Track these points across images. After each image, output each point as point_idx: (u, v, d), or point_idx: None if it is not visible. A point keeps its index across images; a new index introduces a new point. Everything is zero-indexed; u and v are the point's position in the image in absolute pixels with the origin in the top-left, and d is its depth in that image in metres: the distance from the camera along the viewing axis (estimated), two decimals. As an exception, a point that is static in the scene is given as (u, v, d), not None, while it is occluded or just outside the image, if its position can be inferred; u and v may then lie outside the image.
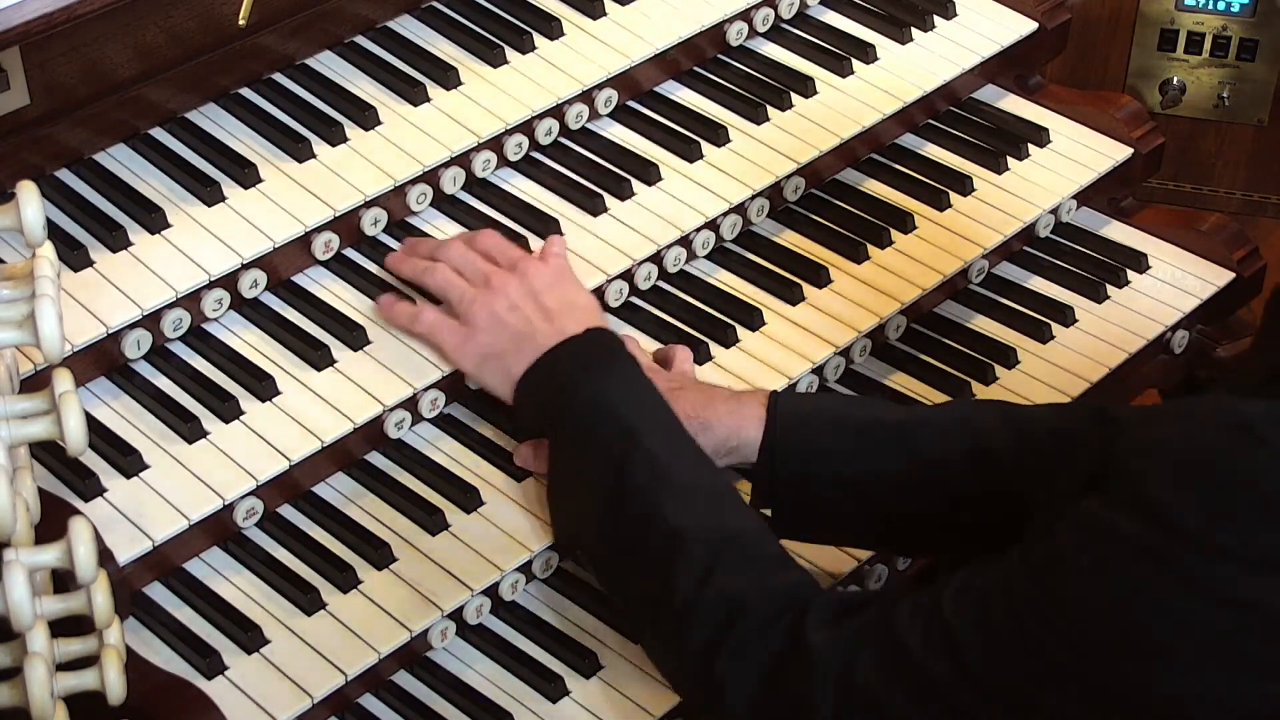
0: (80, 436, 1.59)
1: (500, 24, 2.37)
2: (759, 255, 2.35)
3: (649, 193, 2.29)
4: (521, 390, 1.99)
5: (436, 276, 2.07)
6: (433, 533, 2.00)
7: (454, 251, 2.08)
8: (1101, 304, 2.46)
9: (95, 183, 2.12)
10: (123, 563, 1.84)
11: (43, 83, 2.04)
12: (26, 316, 1.58)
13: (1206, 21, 3.15)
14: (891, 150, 2.54)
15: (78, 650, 1.66)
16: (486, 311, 2.01)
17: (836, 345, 2.25)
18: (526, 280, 2.03)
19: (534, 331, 1.99)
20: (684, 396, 2.01)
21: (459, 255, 2.08)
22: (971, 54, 2.56)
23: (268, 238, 2.08)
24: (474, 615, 1.99)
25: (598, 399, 1.93)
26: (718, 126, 2.38)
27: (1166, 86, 3.20)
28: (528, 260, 2.06)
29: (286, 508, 2.02)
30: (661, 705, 1.95)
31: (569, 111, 2.32)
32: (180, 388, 2.02)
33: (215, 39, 2.18)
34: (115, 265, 2.04)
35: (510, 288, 2.02)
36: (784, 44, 2.53)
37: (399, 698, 1.96)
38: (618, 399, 1.92)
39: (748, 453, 1.99)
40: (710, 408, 2.00)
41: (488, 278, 2.04)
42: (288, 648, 1.89)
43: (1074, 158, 2.55)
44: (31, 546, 1.60)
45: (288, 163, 2.17)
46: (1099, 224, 2.58)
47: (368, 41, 2.33)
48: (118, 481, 1.92)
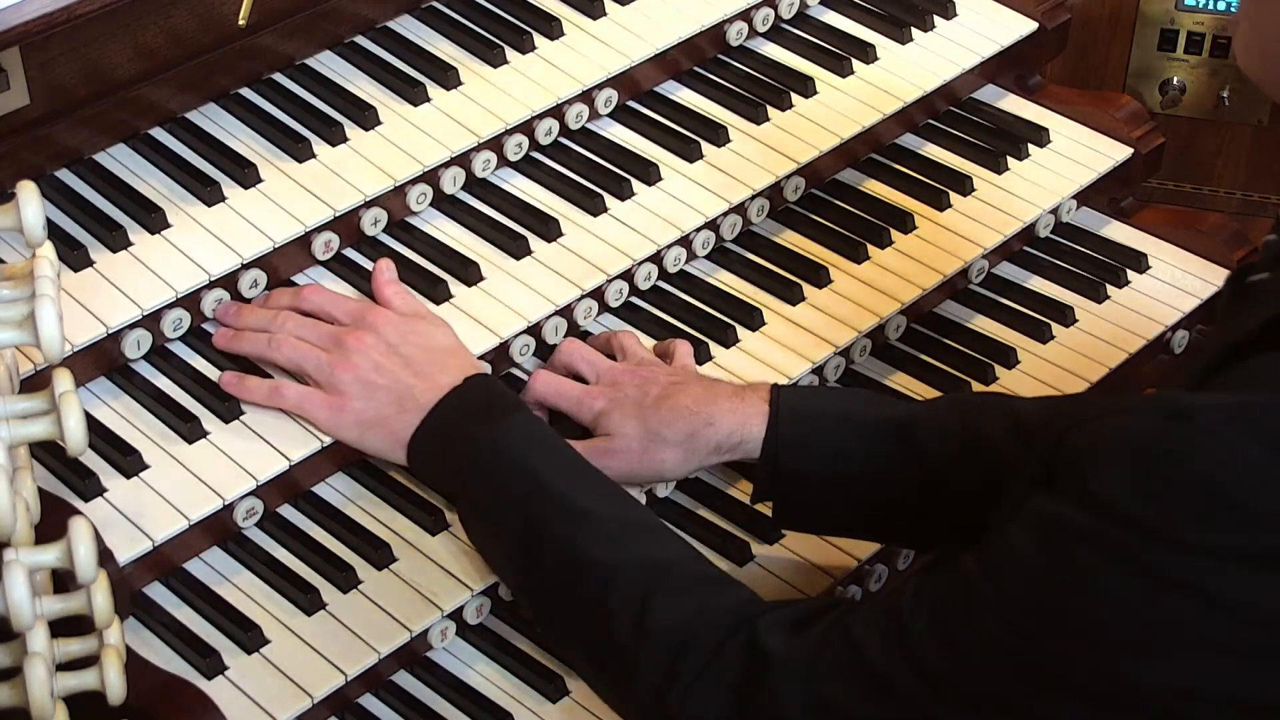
0: (80, 436, 1.59)
1: (500, 24, 2.37)
2: (759, 255, 2.35)
3: (649, 193, 2.29)
4: (414, 453, 1.94)
5: (284, 349, 1.99)
6: (433, 533, 2.00)
7: (290, 322, 2.00)
8: (1101, 304, 2.46)
9: (95, 183, 2.12)
10: (123, 563, 1.84)
11: (43, 83, 2.04)
12: (26, 316, 1.58)
13: (1206, 21, 3.15)
14: (891, 150, 2.54)
15: (78, 650, 1.66)
16: (351, 377, 1.95)
17: (836, 345, 2.25)
18: (379, 333, 1.97)
19: (409, 389, 1.94)
20: (686, 391, 2.01)
21: (295, 324, 2.00)
22: (971, 54, 2.56)
23: (268, 238, 2.08)
24: (474, 615, 1.99)
25: (496, 448, 1.89)
26: (718, 126, 2.38)
27: (1166, 86, 3.20)
28: (371, 311, 2.00)
29: (286, 508, 2.02)
30: (661, 705, 1.95)
31: (569, 111, 2.32)
32: (180, 388, 2.02)
33: (215, 39, 2.18)
34: (115, 265, 2.04)
35: (367, 345, 1.96)
36: (784, 44, 2.53)
37: (399, 698, 1.96)
38: (516, 446, 1.89)
39: (751, 449, 1.99)
40: (714, 404, 1.99)
41: (339, 339, 1.97)
42: (288, 648, 1.89)
43: (1074, 158, 2.55)
44: (31, 546, 1.60)
45: (288, 163, 2.17)
46: (1099, 224, 2.58)
47: (368, 41, 2.33)
48: (118, 481, 1.92)
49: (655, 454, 2.00)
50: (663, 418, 2.00)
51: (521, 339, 2.14)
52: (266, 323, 2.02)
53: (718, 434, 1.98)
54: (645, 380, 2.05)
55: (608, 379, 2.07)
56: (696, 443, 1.99)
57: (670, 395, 2.00)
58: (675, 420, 1.99)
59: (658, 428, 1.99)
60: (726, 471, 2.17)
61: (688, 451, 2.00)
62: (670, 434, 1.99)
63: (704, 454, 2.00)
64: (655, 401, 2.01)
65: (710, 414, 1.98)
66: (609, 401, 2.03)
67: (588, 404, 2.04)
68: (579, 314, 2.20)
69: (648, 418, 2.00)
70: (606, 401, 2.03)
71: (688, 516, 2.13)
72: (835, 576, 2.10)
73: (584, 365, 2.09)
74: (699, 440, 1.99)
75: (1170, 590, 1.44)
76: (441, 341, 2.00)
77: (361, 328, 1.99)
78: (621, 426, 2.00)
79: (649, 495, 2.11)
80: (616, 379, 2.06)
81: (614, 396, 2.03)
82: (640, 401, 2.01)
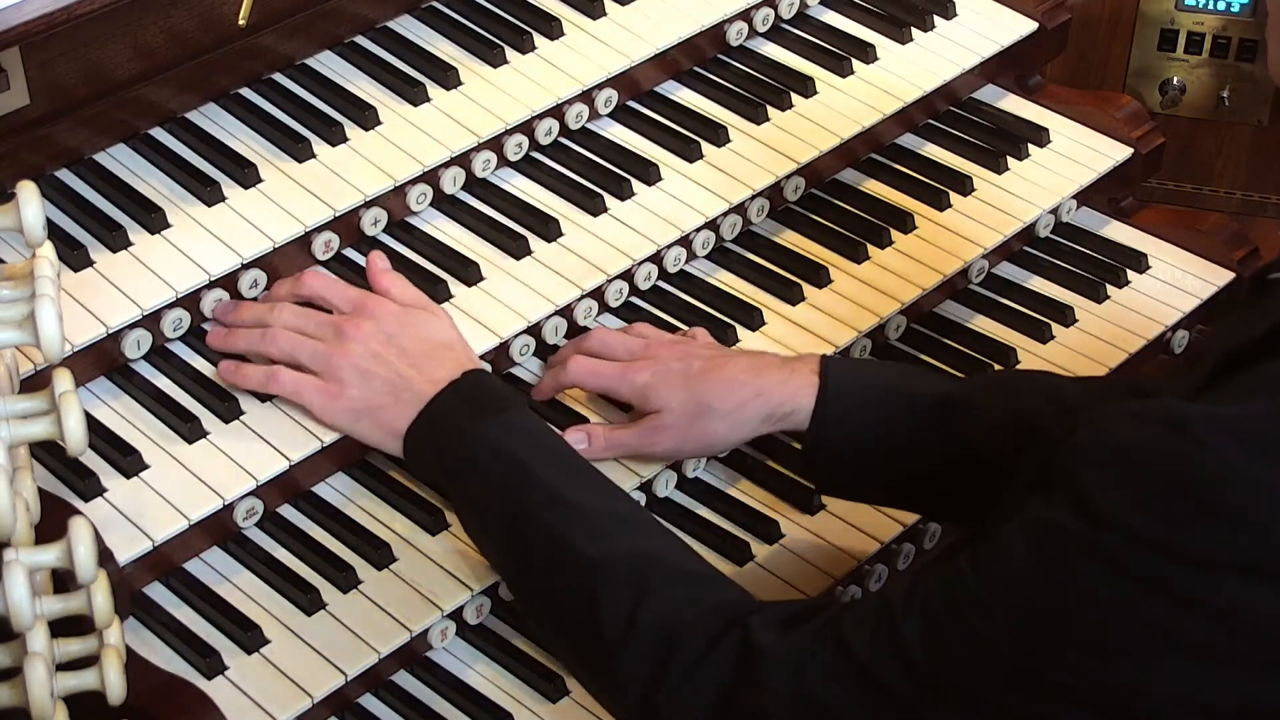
0: (80, 436, 1.59)
1: (500, 24, 2.37)
2: (759, 255, 2.35)
3: (649, 193, 2.29)
4: (409, 447, 1.93)
5: (279, 341, 1.97)
6: (433, 533, 2.00)
7: (285, 313, 1.99)
8: (1101, 304, 2.46)
9: (95, 183, 2.12)
10: (123, 563, 1.84)
11: (43, 83, 2.04)
12: (26, 316, 1.58)
13: (1206, 21, 3.14)
14: (891, 150, 2.54)
15: (78, 650, 1.66)
16: (349, 364, 1.93)
17: (836, 345, 2.25)
18: (378, 323, 1.95)
19: (406, 381, 1.92)
20: (733, 362, 2.00)
21: (291, 315, 1.99)
22: (971, 54, 2.56)
23: (268, 238, 2.08)
24: (474, 615, 1.99)
25: (489, 443, 1.87)
26: (718, 126, 2.38)
27: (1166, 86, 3.20)
28: (371, 300, 1.99)
29: (286, 508, 2.02)
30: (661, 705, 1.95)
31: (569, 111, 2.32)
32: (180, 388, 2.02)
33: (215, 39, 2.18)
34: (115, 265, 2.04)
35: (365, 334, 1.94)
36: (784, 44, 2.53)
37: (399, 698, 1.96)
38: (508, 441, 1.87)
39: (799, 420, 1.98)
40: (763, 374, 1.98)
41: (337, 327, 1.96)
42: (288, 648, 1.89)
43: (1074, 158, 2.55)
44: (31, 546, 1.60)
45: (288, 163, 2.17)
46: (1099, 224, 2.58)
47: (368, 41, 2.33)
48: (118, 481, 1.92)
49: (704, 426, 1.99)
50: (711, 389, 1.99)
51: (521, 339, 2.14)
52: (261, 316, 2.01)
53: (767, 405, 1.97)
54: (687, 353, 2.04)
55: (647, 354, 2.05)
56: (745, 414, 1.98)
57: (716, 367, 2.00)
58: (724, 391, 1.98)
59: (706, 399, 1.99)
60: (727, 471, 2.18)
61: (736, 423, 1.99)
62: (719, 405, 1.98)
63: (753, 425, 1.99)
64: (701, 373, 2.00)
65: (760, 385, 1.97)
66: (653, 374, 2.01)
67: (629, 378, 2.02)
68: (579, 314, 2.20)
69: (694, 388, 1.99)
70: (650, 374, 2.01)
71: (688, 516, 2.13)
72: (835, 577, 2.10)
73: (617, 347, 2.08)
74: (748, 411, 1.98)
75: (1162, 599, 1.44)
76: (440, 334, 1.99)
77: (360, 316, 1.98)
78: (669, 399, 1.99)
79: (649, 495, 2.11)
80: (656, 352, 2.05)
81: (657, 369, 2.02)
82: (686, 373, 2.00)
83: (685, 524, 2.11)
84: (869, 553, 2.13)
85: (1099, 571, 1.46)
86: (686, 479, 2.15)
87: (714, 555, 2.08)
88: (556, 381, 2.09)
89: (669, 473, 2.11)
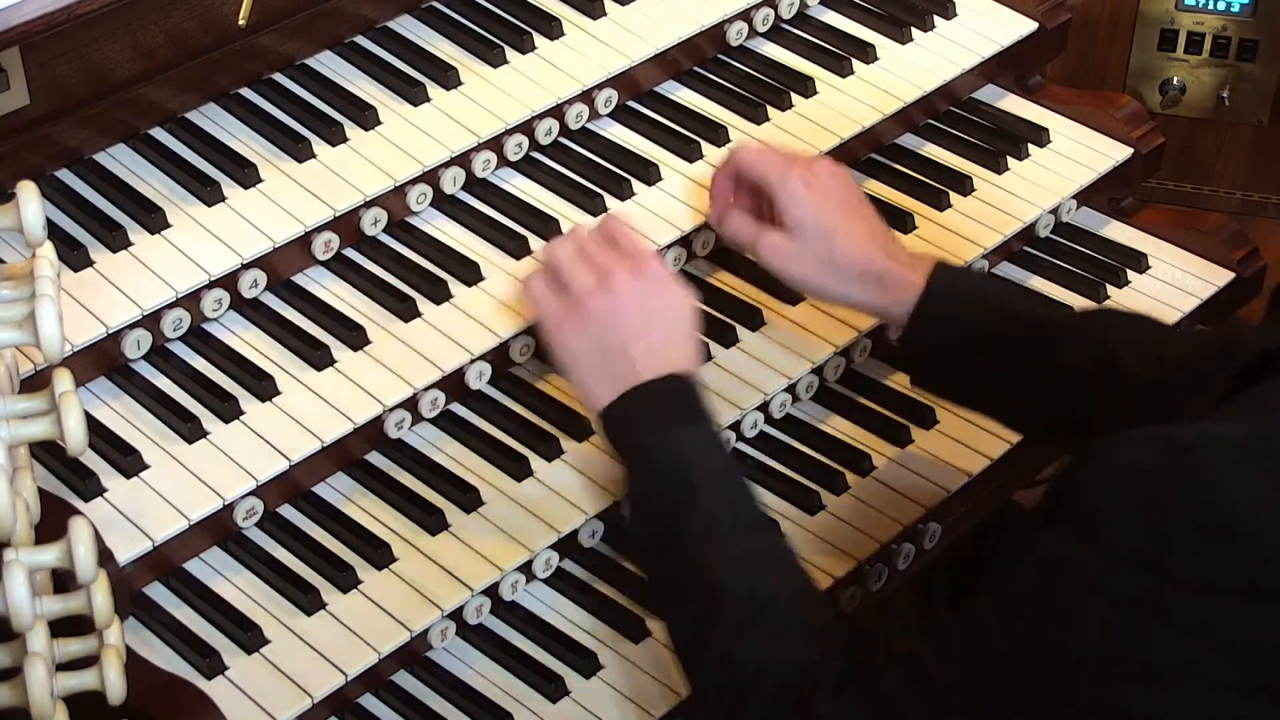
0: (80, 436, 1.59)
1: (500, 24, 2.37)
2: (759, 255, 2.35)
3: (649, 193, 2.29)
4: (608, 415, 1.94)
5: (556, 250, 2.02)
6: (433, 533, 2.00)
7: (578, 231, 2.06)
8: (1102, 304, 2.46)
9: (95, 183, 2.12)
10: (123, 563, 1.84)
11: (43, 83, 2.04)
12: (26, 316, 1.58)
13: (1206, 21, 3.15)
14: (891, 150, 2.54)
15: (78, 650, 1.66)
16: (590, 309, 1.96)
17: (836, 345, 2.25)
18: (644, 287, 1.97)
19: (632, 357, 1.94)
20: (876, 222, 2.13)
21: (578, 233, 2.05)
22: (971, 54, 2.56)
23: (268, 238, 2.08)
24: (474, 615, 1.99)
25: (666, 453, 1.90)
26: (718, 126, 2.38)
27: (1166, 86, 3.20)
28: (649, 260, 2.00)
29: (286, 508, 2.02)
30: (661, 705, 1.96)
31: (569, 111, 2.32)
32: (180, 388, 2.02)
33: (215, 39, 2.18)
34: (115, 265, 2.04)
35: (621, 288, 1.96)
36: (784, 44, 2.53)
37: (399, 698, 1.96)
38: (686, 456, 1.90)
39: (896, 319, 2.09)
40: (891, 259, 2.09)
41: (605, 270, 1.98)
42: (288, 648, 1.89)
43: (1074, 158, 2.55)
44: (31, 546, 1.60)
45: (288, 163, 2.17)
46: (1099, 224, 2.58)
47: (368, 41, 2.33)
48: (118, 481, 1.92)
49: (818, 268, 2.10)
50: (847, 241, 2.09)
51: (521, 339, 2.14)
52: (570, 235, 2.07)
53: (872, 297, 2.09)
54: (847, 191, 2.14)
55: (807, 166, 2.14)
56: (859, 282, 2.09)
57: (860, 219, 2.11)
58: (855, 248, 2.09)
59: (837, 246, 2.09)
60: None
61: (841, 280, 2.10)
62: (843, 259, 2.09)
63: (849, 296, 2.11)
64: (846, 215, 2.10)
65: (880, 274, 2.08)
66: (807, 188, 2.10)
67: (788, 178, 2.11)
68: (579, 314, 2.19)
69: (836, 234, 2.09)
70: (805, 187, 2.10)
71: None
72: (835, 576, 2.10)
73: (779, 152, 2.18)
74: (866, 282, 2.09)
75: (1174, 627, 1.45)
76: (679, 326, 2.00)
77: (629, 271, 1.98)
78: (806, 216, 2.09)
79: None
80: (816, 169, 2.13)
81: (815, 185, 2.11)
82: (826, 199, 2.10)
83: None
84: (870, 552, 2.12)
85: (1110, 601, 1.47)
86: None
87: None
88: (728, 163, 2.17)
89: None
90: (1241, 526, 1.41)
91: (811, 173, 2.12)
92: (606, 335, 1.95)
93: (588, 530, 2.06)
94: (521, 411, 2.13)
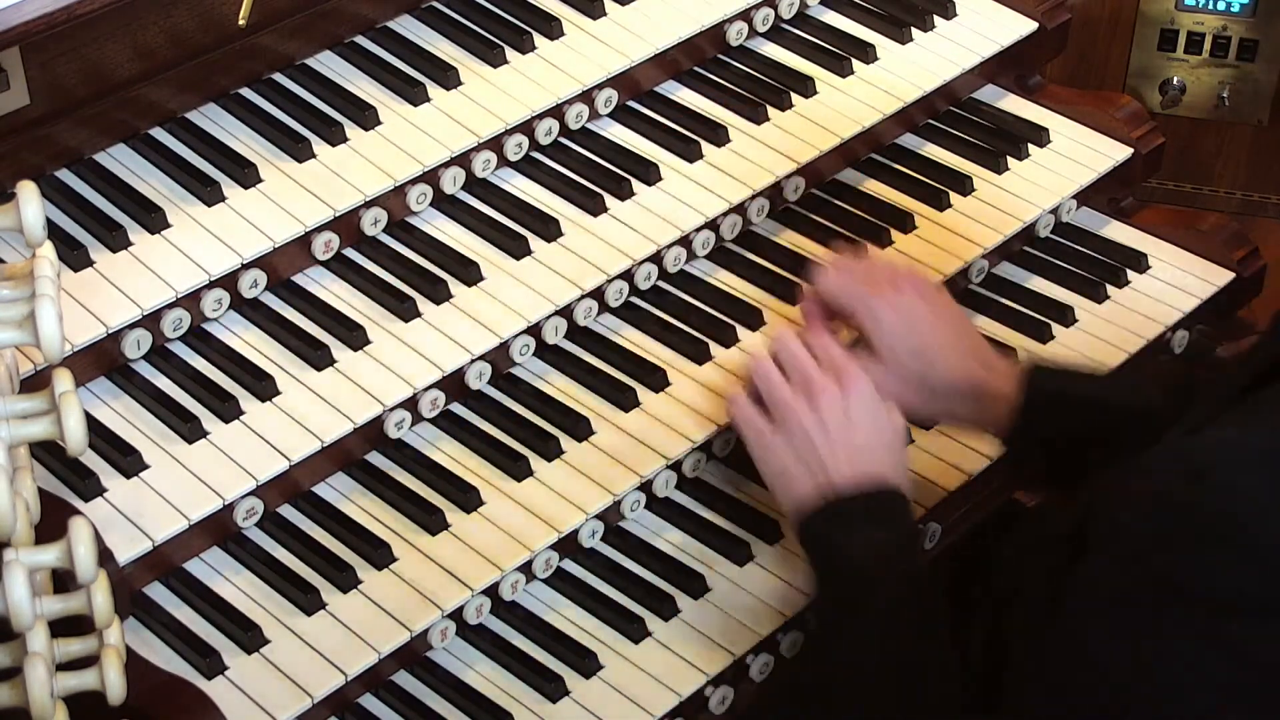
0: (80, 436, 1.59)
1: (500, 24, 2.37)
2: (759, 255, 2.35)
3: (649, 193, 2.29)
4: (808, 523, 1.95)
5: (758, 370, 2.03)
6: (433, 533, 2.00)
7: (787, 343, 2.04)
8: (1101, 304, 2.46)
9: (95, 183, 2.12)
10: (123, 563, 1.84)
11: (43, 83, 2.04)
12: (26, 316, 1.58)
13: (1206, 21, 3.14)
14: (891, 150, 2.54)
15: (78, 650, 1.66)
16: (799, 426, 1.97)
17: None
18: (848, 403, 1.97)
19: (834, 465, 1.95)
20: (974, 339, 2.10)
21: (787, 347, 2.03)
22: (971, 54, 2.56)
23: (268, 238, 2.08)
24: (474, 615, 1.99)
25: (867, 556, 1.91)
26: (718, 126, 2.38)
27: (1166, 86, 3.20)
28: (851, 374, 2.00)
29: (286, 508, 2.02)
30: (660, 705, 1.95)
31: (569, 111, 2.32)
32: (180, 388, 2.02)
33: (215, 39, 2.18)
34: (115, 265, 2.04)
35: (829, 406, 1.97)
36: (784, 44, 2.53)
37: (399, 698, 1.96)
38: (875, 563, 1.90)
39: (998, 432, 2.08)
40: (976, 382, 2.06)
41: (809, 385, 1.99)
42: (288, 648, 1.89)
43: (1074, 158, 2.55)
44: (31, 546, 1.59)
45: (288, 163, 2.17)
46: (1099, 224, 2.58)
47: (368, 41, 2.33)
48: (118, 481, 1.92)
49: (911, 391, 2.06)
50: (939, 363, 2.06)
51: (522, 339, 2.14)
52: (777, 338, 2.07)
53: (974, 410, 2.06)
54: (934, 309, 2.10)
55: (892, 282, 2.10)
56: (955, 400, 2.07)
57: (951, 334, 2.07)
58: (947, 369, 2.06)
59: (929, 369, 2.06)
60: (727, 472, 2.18)
61: (936, 399, 2.07)
62: (937, 381, 2.06)
63: (946, 415, 2.11)
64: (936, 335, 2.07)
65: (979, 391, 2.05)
66: (894, 310, 2.06)
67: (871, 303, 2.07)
68: (579, 314, 2.20)
69: (927, 357, 2.05)
70: (891, 310, 2.06)
71: (688, 516, 2.13)
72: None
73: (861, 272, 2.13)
74: (962, 400, 2.07)
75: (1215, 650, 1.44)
76: (885, 438, 1.99)
77: (838, 386, 1.99)
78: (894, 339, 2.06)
79: (649, 495, 2.11)
80: (900, 284, 2.09)
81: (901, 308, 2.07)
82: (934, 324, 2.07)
83: (686, 524, 2.12)
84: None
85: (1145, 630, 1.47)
86: (687, 479, 2.15)
87: (715, 555, 2.10)
88: (813, 291, 2.12)
89: (669, 473, 2.12)
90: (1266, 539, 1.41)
91: (897, 291, 2.08)
92: (810, 453, 1.96)
93: (588, 530, 2.06)
94: (521, 411, 2.13)
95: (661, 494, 2.13)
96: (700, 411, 2.14)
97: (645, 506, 2.11)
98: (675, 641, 2.02)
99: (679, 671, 1.98)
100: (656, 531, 2.12)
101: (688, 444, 2.11)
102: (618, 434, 2.12)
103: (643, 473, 2.08)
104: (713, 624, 2.03)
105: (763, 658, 2.04)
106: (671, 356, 2.21)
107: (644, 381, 2.17)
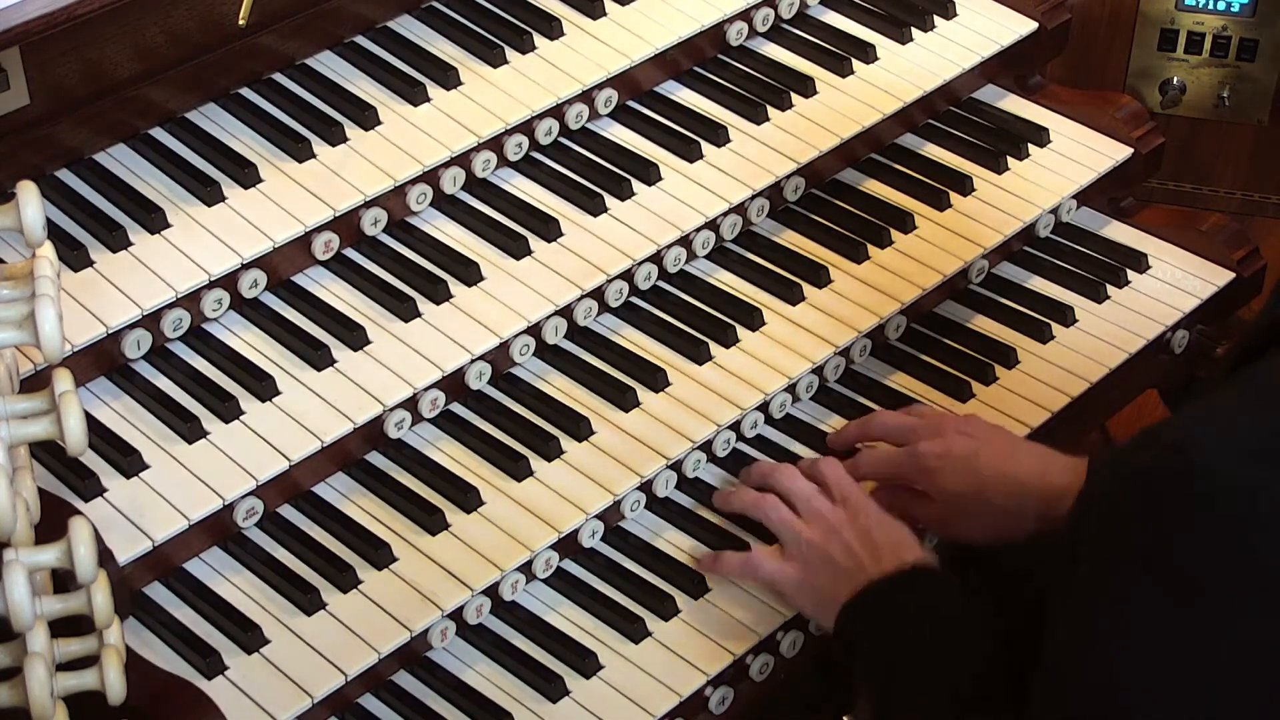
0: (80, 436, 1.59)
1: (500, 24, 2.37)
2: (759, 255, 2.35)
3: (649, 193, 2.30)
4: (845, 617, 1.97)
5: (771, 514, 2.07)
6: (433, 533, 2.00)
7: (784, 476, 2.09)
8: (1101, 304, 2.46)
9: (95, 183, 2.12)
10: (123, 563, 1.84)
11: (43, 83, 2.05)
12: (26, 316, 1.58)
13: (1206, 21, 3.15)
14: (891, 150, 2.54)
15: (78, 650, 1.66)
16: (820, 554, 2.02)
17: (836, 345, 2.25)
18: (858, 520, 2.03)
19: (861, 568, 1.99)
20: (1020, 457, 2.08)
21: (788, 480, 2.08)
22: (971, 54, 2.56)
23: (268, 238, 2.08)
24: (474, 615, 1.99)
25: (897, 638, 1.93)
26: (718, 126, 2.38)
27: (1166, 86, 3.20)
28: (857, 495, 2.06)
29: (286, 508, 2.02)
30: (660, 705, 1.96)
31: (569, 111, 2.32)
32: (180, 388, 2.02)
33: (215, 39, 2.18)
34: (115, 265, 2.04)
35: (844, 528, 2.03)
36: (784, 44, 2.53)
37: (399, 698, 1.96)
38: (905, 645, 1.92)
39: None
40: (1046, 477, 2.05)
41: (820, 515, 2.04)
42: (288, 648, 1.89)
43: (1074, 158, 2.55)
44: (31, 546, 1.60)
45: (288, 163, 2.17)
46: (1099, 224, 2.58)
47: (368, 41, 2.33)
48: (118, 481, 1.92)
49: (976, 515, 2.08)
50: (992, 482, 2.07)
51: (521, 339, 2.14)
52: (765, 476, 2.11)
53: (1027, 524, 2.04)
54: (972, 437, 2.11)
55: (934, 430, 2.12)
56: (1007, 521, 2.06)
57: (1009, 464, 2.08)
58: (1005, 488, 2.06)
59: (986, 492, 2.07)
60: (727, 473, 2.18)
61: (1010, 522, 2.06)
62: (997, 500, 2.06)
63: (1020, 534, 2.06)
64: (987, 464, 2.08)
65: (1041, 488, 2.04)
66: (940, 460, 2.09)
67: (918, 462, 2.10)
68: (579, 314, 2.20)
69: (979, 477, 2.07)
70: (937, 460, 2.09)
71: (687, 516, 2.13)
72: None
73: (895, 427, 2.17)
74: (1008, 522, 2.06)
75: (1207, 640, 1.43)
76: (901, 535, 2.03)
77: (845, 508, 2.04)
78: (949, 485, 2.08)
79: (649, 495, 2.11)
80: (942, 431, 2.12)
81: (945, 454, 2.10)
82: (970, 460, 2.09)
83: (685, 524, 2.12)
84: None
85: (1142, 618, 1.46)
86: (686, 479, 2.15)
87: (714, 555, 2.09)
88: (856, 472, 2.13)
89: (669, 473, 2.12)
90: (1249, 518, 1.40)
91: (942, 439, 2.11)
92: (830, 565, 2.00)
93: (588, 530, 2.06)
94: (521, 411, 2.13)
95: (661, 494, 2.13)
96: (700, 411, 2.14)
97: (645, 506, 2.11)
98: (675, 641, 2.02)
99: (679, 671, 1.99)
100: (656, 531, 2.12)
101: (688, 444, 2.12)
102: (618, 434, 2.12)
103: (643, 473, 2.08)
104: (713, 624, 2.04)
105: (763, 658, 2.04)
106: (671, 356, 2.21)
107: (644, 381, 2.17)
